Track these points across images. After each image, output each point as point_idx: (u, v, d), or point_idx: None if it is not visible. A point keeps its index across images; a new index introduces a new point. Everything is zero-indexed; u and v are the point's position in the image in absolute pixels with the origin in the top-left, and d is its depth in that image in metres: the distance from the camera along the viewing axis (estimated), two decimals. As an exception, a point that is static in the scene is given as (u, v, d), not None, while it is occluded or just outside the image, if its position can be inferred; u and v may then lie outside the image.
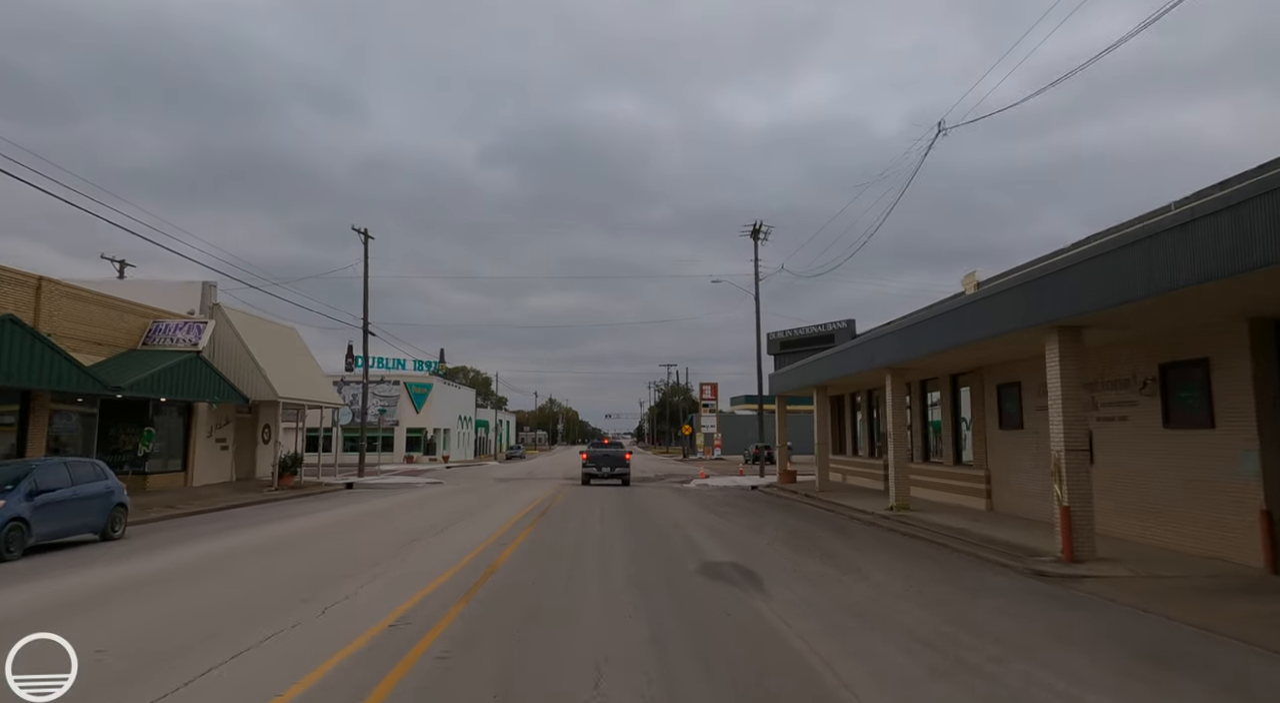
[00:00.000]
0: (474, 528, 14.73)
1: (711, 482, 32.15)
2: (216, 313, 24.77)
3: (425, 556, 11.05)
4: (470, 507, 20.06)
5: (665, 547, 12.09)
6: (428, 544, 12.26)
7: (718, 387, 68.73)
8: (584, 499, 22.62)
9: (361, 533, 13.95)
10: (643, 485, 30.94)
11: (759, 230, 33.86)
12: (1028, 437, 15.82)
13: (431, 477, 35.59)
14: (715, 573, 9.47)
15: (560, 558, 10.82)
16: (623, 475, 30.30)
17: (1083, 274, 9.82)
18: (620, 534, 13.83)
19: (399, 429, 52.04)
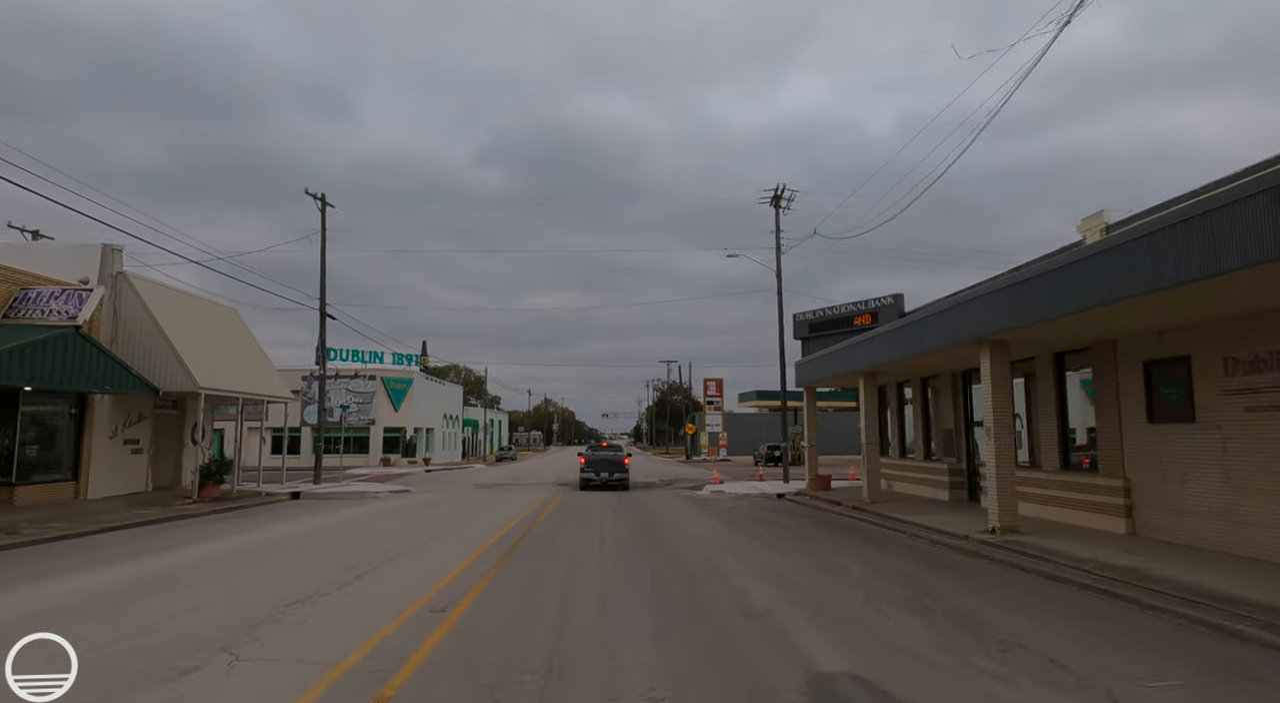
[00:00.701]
0: (412, 572, 10.02)
1: (728, 487, 27.51)
2: (119, 283, 20.00)
3: (294, 641, 6.38)
4: (427, 529, 15.31)
5: (709, 616, 7.38)
6: (316, 611, 7.56)
7: (723, 383, 64.09)
8: (577, 514, 17.95)
9: (232, 584, 9.24)
10: (647, 493, 26.29)
11: (780, 196, 29.19)
12: (1202, 434, 11.18)
13: (402, 483, 30.84)
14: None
15: (526, 659, 6.13)
16: (622, 481, 28.77)
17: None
18: (630, 588, 9.14)
19: (375, 429, 47.29)
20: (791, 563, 10.88)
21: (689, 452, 66.44)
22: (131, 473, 20.96)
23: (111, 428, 19.94)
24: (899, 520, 16.06)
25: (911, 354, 16.81)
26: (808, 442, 26.23)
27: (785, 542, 13.44)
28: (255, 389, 23.95)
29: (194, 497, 19.73)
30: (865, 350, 19.51)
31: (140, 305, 20.00)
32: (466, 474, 39.89)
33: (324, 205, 28.81)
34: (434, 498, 23.86)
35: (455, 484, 31.17)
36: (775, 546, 12.88)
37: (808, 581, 9.36)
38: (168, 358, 19.81)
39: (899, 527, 15.53)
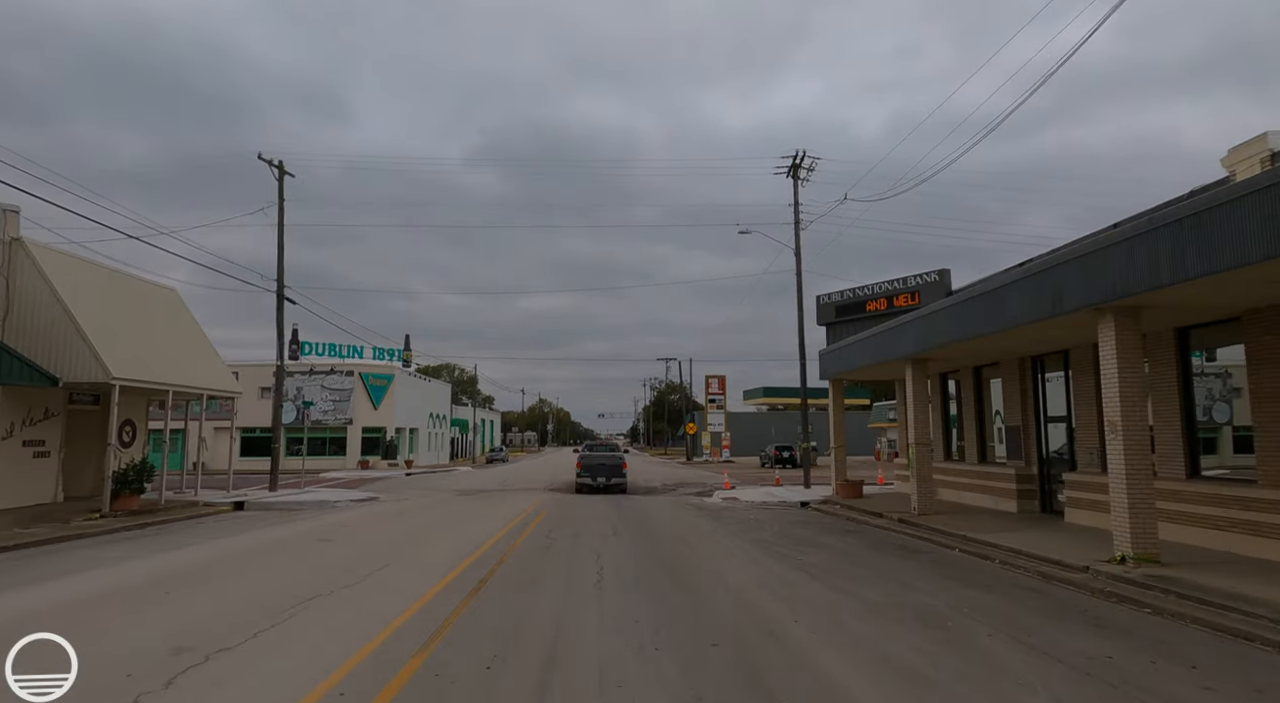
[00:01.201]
0: (306, 643, 6.67)
1: (741, 494, 24.19)
2: (15, 251, 16.56)
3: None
4: (374, 555, 11.94)
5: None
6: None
7: (726, 380, 60.79)
8: (569, 530, 14.60)
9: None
10: (650, 500, 22.98)
11: (799, 165, 25.90)
12: None
13: (373, 490, 27.44)
14: None
15: None
16: (619, 485, 27.63)
17: None
18: (646, 668, 5.83)
19: (353, 429, 43.85)
20: (871, 613, 7.56)
21: (690, 453, 63.15)
22: (34, 481, 17.54)
23: (5, 427, 16.51)
24: (971, 540, 12.76)
25: (983, 333, 13.51)
26: (834, 442, 22.94)
27: (840, 573, 10.13)
28: (192, 382, 20.51)
29: (104, 510, 16.29)
30: (914, 332, 16.20)
31: (40, 279, 16.57)
32: (449, 478, 36.49)
33: (281, 174, 25.39)
34: (402, 508, 20.48)
35: (434, 490, 27.78)
36: (831, 579, 9.56)
37: (915, 649, 6.05)
38: (73, 342, 16.38)
39: (976, 550, 12.22)
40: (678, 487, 29.59)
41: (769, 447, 48.39)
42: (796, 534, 14.60)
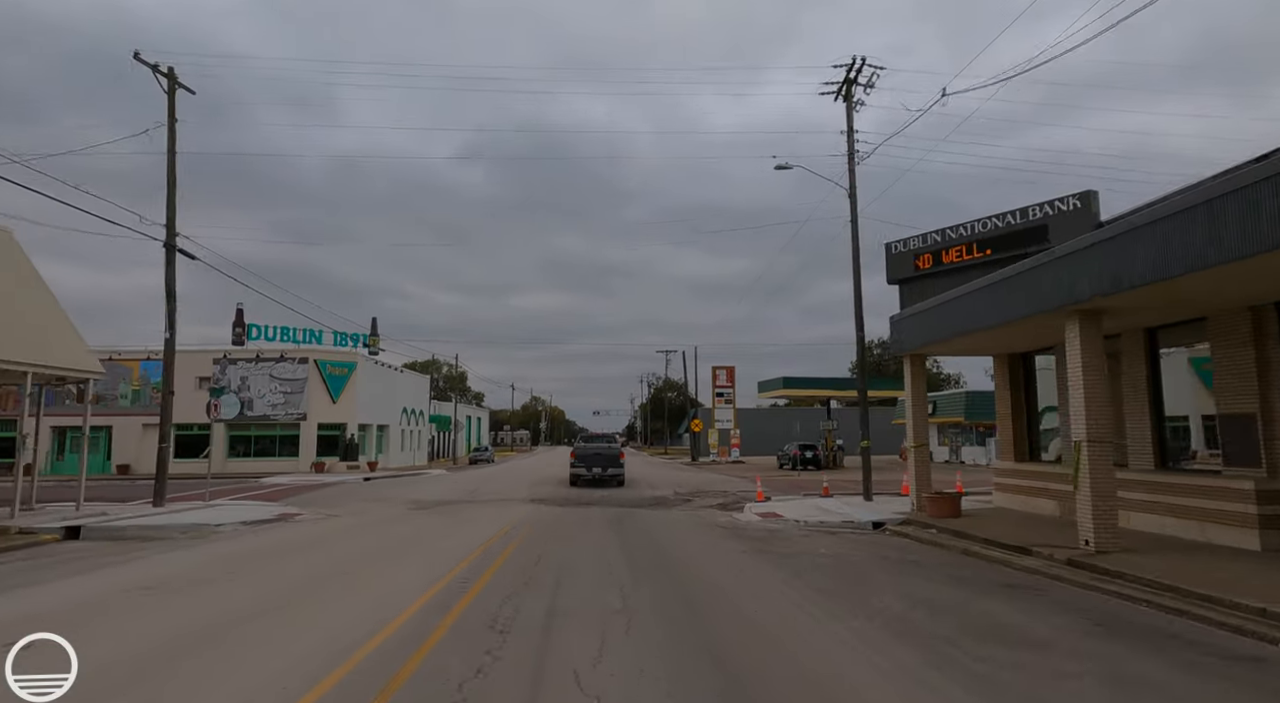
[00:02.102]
0: None
1: (783, 508, 18.13)
2: None
3: None
4: (145, 668, 5.81)
5: None
6: None
7: (735, 372, 54.74)
8: (548, 578, 8.51)
9: None
10: (662, 516, 17.01)
11: (854, 80, 19.85)
12: None
13: (303, 503, 21.39)
14: None
15: None
16: (616, 477, 26.90)
17: None
18: None
19: (307, 425, 37.64)
20: None
21: (695, 452, 57.08)
22: None
23: None
24: (1247, 611, 6.76)
25: (1222, 260, 7.52)
26: (914, 439, 16.93)
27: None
28: (21, 356, 14.33)
29: None
30: (1097, 263, 10.12)
31: None
32: (414, 484, 30.39)
33: (172, 87, 19.18)
34: (315, 536, 14.37)
35: (383, 502, 21.69)
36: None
37: None
38: None
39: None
40: (693, 496, 23.55)
41: (789, 445, 42.39)
42: (922, 593, 8.56)
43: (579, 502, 21.20)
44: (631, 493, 24.90)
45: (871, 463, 20.17)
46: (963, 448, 46.36)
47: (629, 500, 21.72)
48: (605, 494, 23.75)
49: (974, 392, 45.79)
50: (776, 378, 42.26)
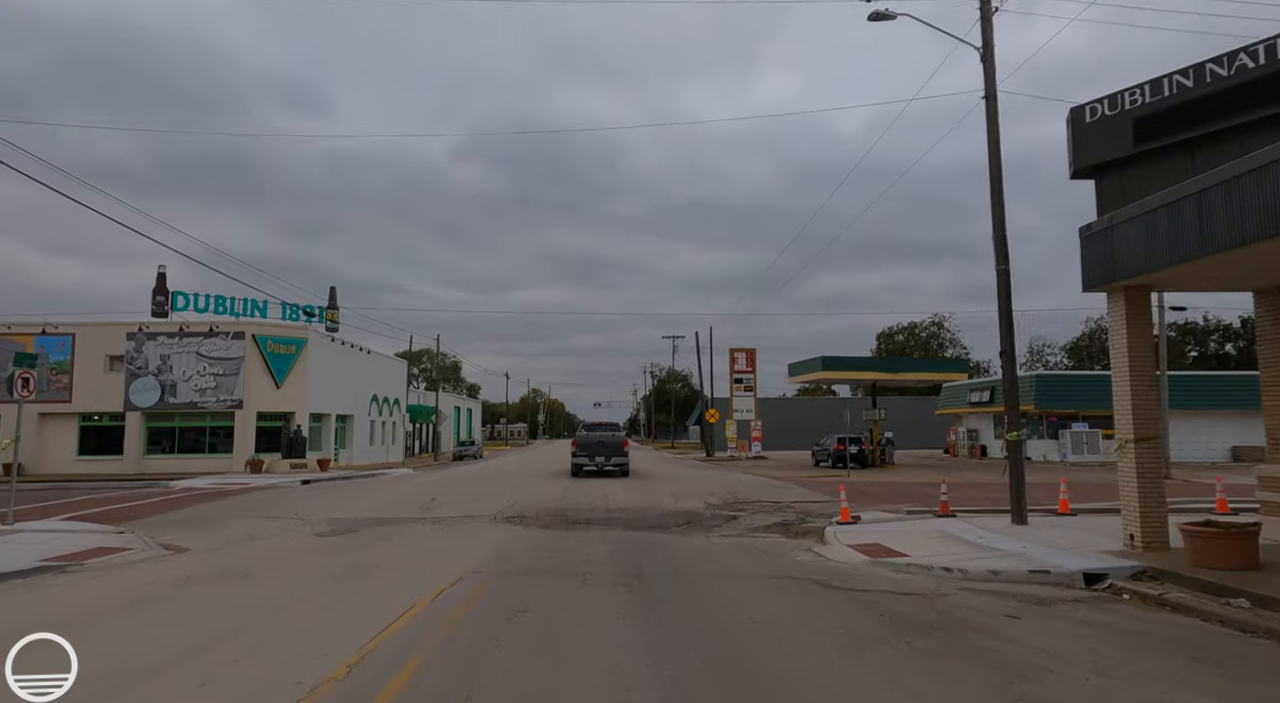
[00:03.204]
0: None
1: (893, 536, 11.29)
2: None
3: None
4: None
5: None
6: None
7: (756, 355, 47.96)
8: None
9: None
10: (702, 546, 10.29)
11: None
12: None
13: (150, 527, 14.62)
14: None
15: None
16: (621, 466, 25.91)
17: None
18: None
19: (243, 415, 30.80)
20: None
21: (709, 447, 50.30)
22: None
23: None
24: None
25: None
26: (1134, 430, 10.02)
27: None
28: None
29: None
30: None
31: None
32: (362, 490, 23.63)
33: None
34: (72, 609, 7.52)
35: (291, 521, 14.93)
36: None
37: None
38: None
39: None
40: (733, 508, 16.74)
41: (827, 438, 35.59)
42: None
43: (574, 521, 14.44)
44: (647, 500, 18.18)
45: (915, 462, 13.43)
46: (1026, 442, 39.60)
47: (648, 518, 14.96)
48: (611, 505, 17.01)
49: (1046, 375, 39.08)
50: (813, 358, 35.43)
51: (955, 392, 46.25)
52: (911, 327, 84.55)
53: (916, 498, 19.20)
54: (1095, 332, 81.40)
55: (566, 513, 15.80)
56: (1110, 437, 37.30)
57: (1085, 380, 38.63)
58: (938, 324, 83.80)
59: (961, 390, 44.99)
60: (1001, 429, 42.93)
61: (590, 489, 21.70)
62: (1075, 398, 37.01)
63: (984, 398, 41.78)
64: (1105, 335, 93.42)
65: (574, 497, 19.36)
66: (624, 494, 20.02)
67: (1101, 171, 10.69)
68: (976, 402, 42.64)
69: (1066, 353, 79.65)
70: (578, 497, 19.31)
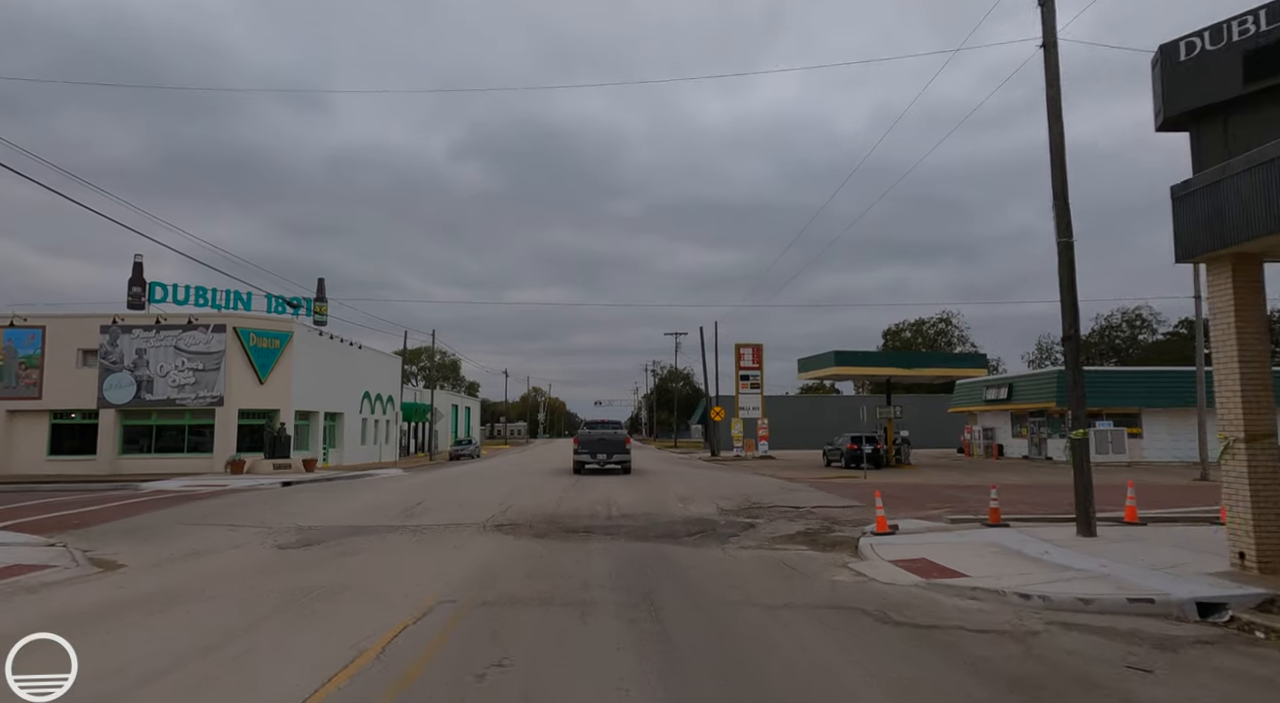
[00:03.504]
0: None
1: (946, 552, 9.59)
2: None
3: None
4: None
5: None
6: None
7: (763, 351, 46.30)
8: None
9: None
10: (719, 560, 8.79)
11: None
12: None
13: (97, 537, 12.97)
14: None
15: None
16: (623, 463, 26.46)
17: None
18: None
19: (224, 412, 29.14)
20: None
21: (714, 446, 48.63)
22: None
23: None
24: None
25: None
26: (1248, 433, 8.31)
27: None
28: None
29: None
30: None
31: None
32: (346, 492, 22.00)
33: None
34: None
35: (256, 530, 13.27)
36: None
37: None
38: None
39: None
40: (749, 514, 15.07)
41: (840, 438, 33.91)
42: None
43: (572, 530, 12.79)
44: (653, 504, 16.54)
45: (930, 462, 11.77)
46: (1048, 441, 37.82)
47: (655, 525, 13.29)
48: (614, 511, 15.36)
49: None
50: (825, 353, 33.71)
51: (970, 389, 44.51)
52: (919, 323, 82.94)
53: (945, 501, 17.54)
54: (1105, 329, 79.75)
55: (564, 520, 14.15)
56: (1136, 435, 35.70)
57: (1109, 377, 36.92)
58: (945, 321, 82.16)
59: (977, 388, 43.24)
60: (1019, 428, 41.28)
61: (591, 491, 20.06)
62: (1099, 395, 35.24)
63: (1001, 395, 40.04)
64: (1116, 333, 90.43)
65: (573, 500, 17.71)
66: (628, 497, 18.36)
67: (1200, 119, 8.99)
68: (993, 399, 40.89)
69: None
70: (577, 500, 17.66)
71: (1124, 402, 35.17)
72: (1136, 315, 78.73)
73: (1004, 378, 39.73)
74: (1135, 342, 77.88)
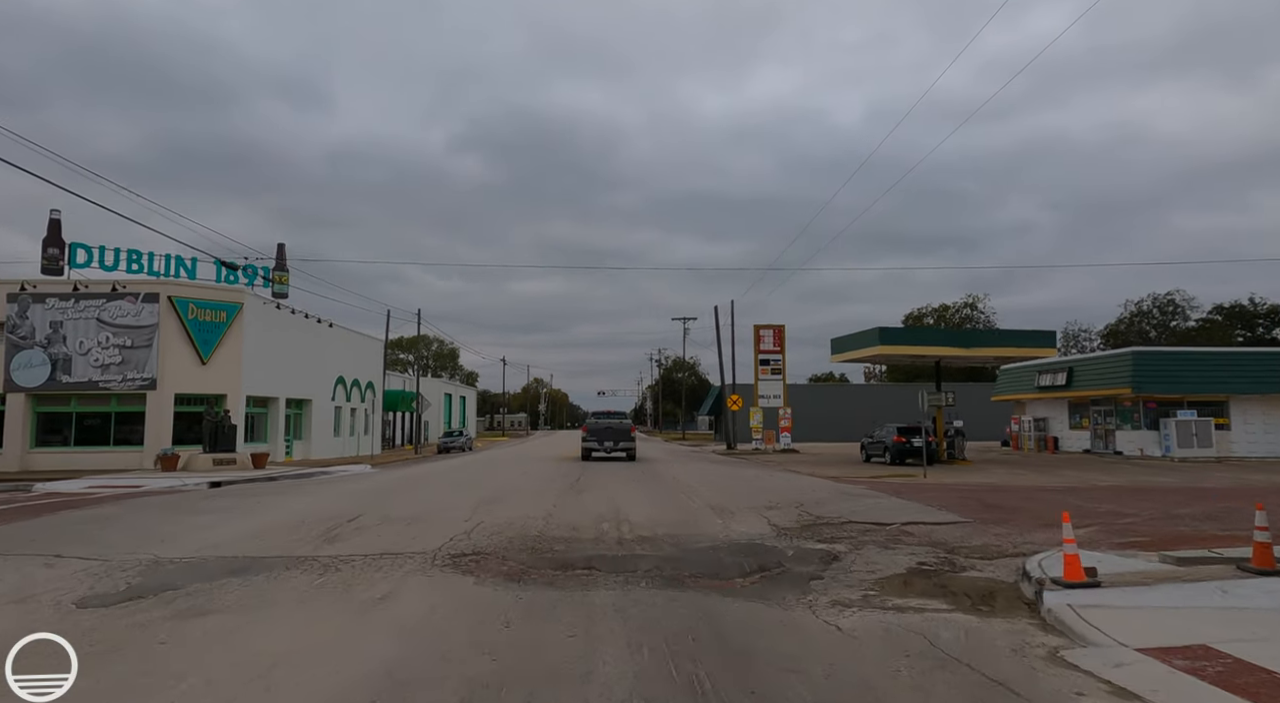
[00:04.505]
0: None
1: (1254, 643, 5.12)
2: None
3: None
4: None
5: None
6: None
7: (784, 332, 41.65)
8: None
9: None
10: (800, 621, 3.99)
11: None
12: None
13: None
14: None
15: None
16: (628, 450, 27.99)
17: None
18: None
19: (157, 397, 24.56)
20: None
21: (729, 438, 43.98)
22: None
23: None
24: None
25: None
26: None
27: None
28: None
29: None
30: None
31: None
32: (272, 499, 17.41)
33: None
34: None
35: (55, 570, 8.70)
36: None
37: None
38: None
39: None
40: (818, 536, 10.44)
41: (880, 430, 29.28)
42: None
43: (565, 564, 8.23)
44: (678, 517, 11.87)
45: (978, 456, 7.36)
46: (1116, 433, 33.09)
47: (689, 554, 8.64)
48: (627, 530, 10.72)
49: (1145, 352, 32.52)
50: (866, 330, 29.00)
51: (1017, 375, 39.75)
52: (943, 308, 78.03)
53: (1085, 518, 12.89)
54: (1135, 315, 74.93)
55: (555, 544, 9.57)
56: (1223, 427, 30.37)
57: (1192, 359, 32.11)
58: (970, 305, 77.34)
59: (1026, 373, 38.49)
60: (1079, 418, 36.56)
61: (594, 497, 15.47)
62: (1180, 380, 30.57)
63: (1058, 381, 35.32)
64: (1145, 319, 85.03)
65: (570, 510, 13.10)
66: (643, 506, 13.76)
67: None
68: (1049, 386, 36.15)
69: (1103, 338, 73.67)
70: (575, 511, 13.05)
71: (1208, 388, 30.44)
72: (1169, 301, 74.23)
73: (1061, 361, 35.01)
74: (1168, 329, 73.26)
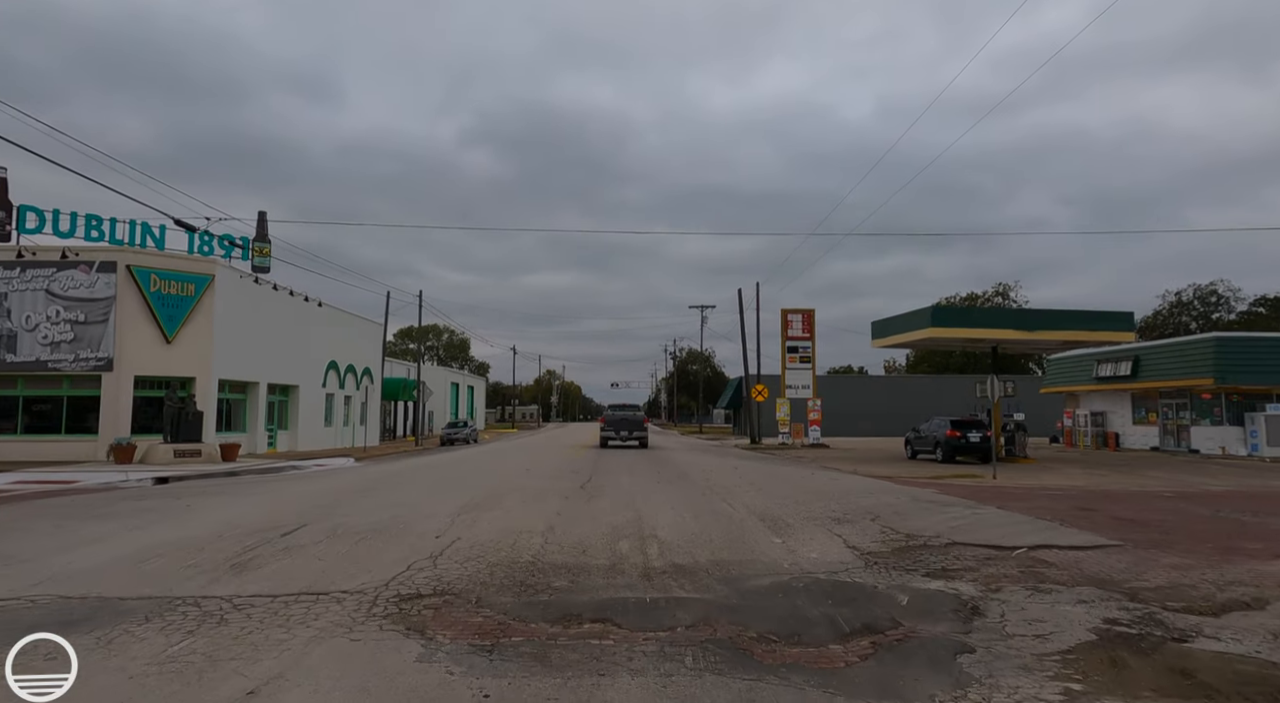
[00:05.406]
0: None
1: None
2: None
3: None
4: None
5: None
6: None
7: (814, 317, 38.38)
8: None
9: None
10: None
11: None
12: None
13: None
14: None
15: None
16: (641, 439, 29.96)
17: None
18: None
19: (113, 380, 21.80)
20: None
21: (753, 432, 40.82)
22: None
23: None
24: None
25: None
26: None
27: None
28: None
29: None
30: None
31: None
32: (213, 499, 14.55)
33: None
34: None
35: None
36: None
37: None
38: None
39: None
40: (925, 566, 7.38)
41: (928, 424, 26.06)
42: None
43: (568, 613, 5.13)
44: (721, 537, 8.71)
45: None
46: (1191, 429, 29.63)
47: (747, 599, 5.52)
48: (654, 554, 7.64)
49: (1229, 337, 29.11)
50: (915, 311, 25.72)
51: (1071, 364, 36.32)
52: (972, 297, 74.42)
53: (1256, 540, 9.70)
54: (1175, 306, 71.09)
55: (553, 580, 6.55)
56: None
57: (1276, 345, 28.59)
58: (1002, 294, 73.66)
59: (1083, 363, 35.08)
60: (1144, 412, 33.11)
61: (610, 503, 12.38)
62: (1271, 370, 27.11)
63: (1122, 371, 31.91)
64: (1186, 311, 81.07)
65: (577, 522, 10.04)
66: (674, 517, 10.68)
67: None
68: (1109, 376, 32.75)
69: (1139, 333, 70.15)
70: (585, 523, 9.99)
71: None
72: (1211, 291, 70.45)
73: (1126, 349, 31.59)
74: (1209, 321, 69.49)
